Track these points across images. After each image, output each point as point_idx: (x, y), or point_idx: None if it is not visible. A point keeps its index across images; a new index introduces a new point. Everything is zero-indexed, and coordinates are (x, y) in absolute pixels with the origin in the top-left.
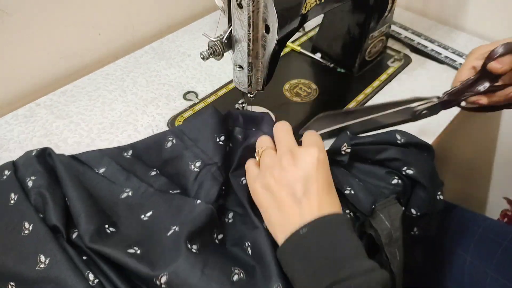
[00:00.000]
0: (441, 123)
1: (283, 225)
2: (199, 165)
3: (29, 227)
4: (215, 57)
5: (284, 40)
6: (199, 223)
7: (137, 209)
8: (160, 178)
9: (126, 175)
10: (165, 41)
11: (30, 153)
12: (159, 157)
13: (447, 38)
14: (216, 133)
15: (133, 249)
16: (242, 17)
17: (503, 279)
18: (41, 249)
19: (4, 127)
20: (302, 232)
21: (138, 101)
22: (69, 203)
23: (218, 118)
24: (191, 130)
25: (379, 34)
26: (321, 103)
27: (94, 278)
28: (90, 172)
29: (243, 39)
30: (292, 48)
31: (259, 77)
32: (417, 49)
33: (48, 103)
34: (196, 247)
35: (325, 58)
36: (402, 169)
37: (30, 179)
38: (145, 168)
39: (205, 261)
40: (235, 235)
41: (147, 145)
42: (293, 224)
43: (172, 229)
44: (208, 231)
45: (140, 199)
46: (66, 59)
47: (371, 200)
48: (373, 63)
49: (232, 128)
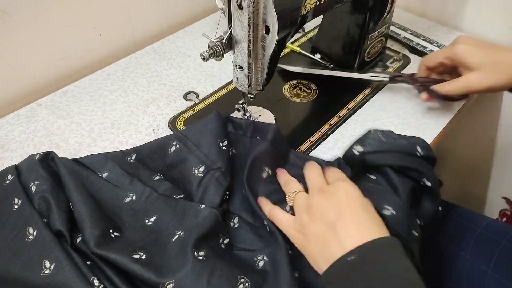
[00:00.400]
0: (440, 123)
1: (323, 253)
2: (202, 170)
3: (33, 233)
4: (215, 57)
5: (284, 41)
6: (204, 228)
7: (142, 214)
8: (164, 183)
9: (130, 179)
10: (166, 41)
11: (33, 157)
12: (163, 162)
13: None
14: (219, 138)
15: (138, 254)
16: (242, 18)
17: (502, 278)
18: (46, 255)
19: (5, 127)
20: (350, 259)
21: (139, 102)
22: (73, 207)
23: (221, 122)
24: (194, 135)
25: (378, 35)
26: (321, 103)
27: (99, 284)
28: (93, 176)
29: (243, 40)
30: (292, 48)
31: (259, 77)
32: (416, 50)
33: (49, 103)
34: (202, 254)
35: (324, 58)
36: (421, 179)
37: (33, 184)
38: (149, 173)
39: (212, 269)
40: (243, 240)
41: (150, 150)
42: (333, 249)
43: (177, 234)
44: (214, 236)
45: (144, 203)
46: (67, 60)
47: (412, 221)
48: (373, 63)
49: (235, 134)
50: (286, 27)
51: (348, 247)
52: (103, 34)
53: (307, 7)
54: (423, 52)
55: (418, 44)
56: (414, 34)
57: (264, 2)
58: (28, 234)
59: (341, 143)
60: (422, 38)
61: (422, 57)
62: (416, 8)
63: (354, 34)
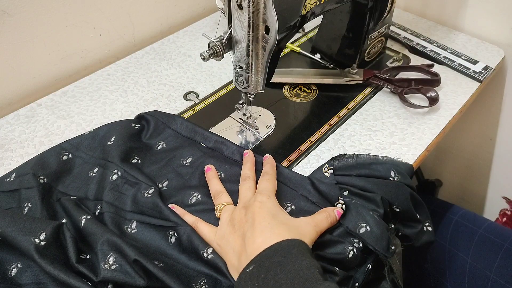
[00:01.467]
0: (440, 123)
1: (236, 265)
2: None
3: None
4: (215, 57)
5: (283, 41)
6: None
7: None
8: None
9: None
10: (166, 41)
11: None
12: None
13: (446, 39)
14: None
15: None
16: (242, 18)
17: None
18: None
19: (5, 127)
20: (249, 270)
21: (139, 102)
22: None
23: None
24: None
25: (378, 35)
26: (321, 103)
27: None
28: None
29: (243, 40)
30: (292, 48)
31: (259, 77)
32: (416, 50)
33: (49, 103)
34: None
35: (324, 59)
36: (392, 206)
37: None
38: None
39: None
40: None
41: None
42: (243, 260)
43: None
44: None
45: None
46: (67, 60)
47: (386, 236)
48: (373, 63)
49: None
50: (286, 27)
51: (251, 257)
52: (103, 34)
53: (307, 7)
54: (423, 52)
55: (418, 44)
56: (414, 34)
57: (264, 2)
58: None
59: (341, 143)
60: (422, 38)
61: (422, 57)
62: (416, 8)
63: (354, 34)
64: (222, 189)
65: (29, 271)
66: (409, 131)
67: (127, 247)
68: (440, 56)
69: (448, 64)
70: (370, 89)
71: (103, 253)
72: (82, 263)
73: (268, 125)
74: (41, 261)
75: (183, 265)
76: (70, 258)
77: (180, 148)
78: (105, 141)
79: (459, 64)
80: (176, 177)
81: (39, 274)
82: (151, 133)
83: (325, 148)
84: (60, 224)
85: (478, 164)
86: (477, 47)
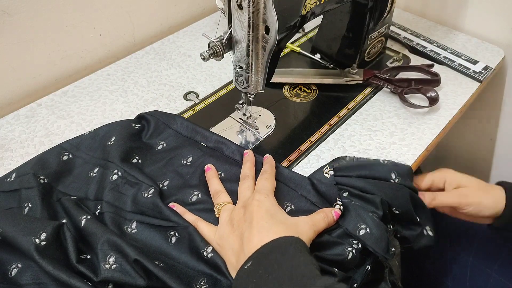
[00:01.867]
0: (440, 123)
1: (234, 264)
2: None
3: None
4: (215, 57)
5: (283, 41)
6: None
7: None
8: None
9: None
10: (166, 41)
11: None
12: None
13: (446, 39)
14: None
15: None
16: (242, 18)
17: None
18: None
19: (5, 127)
20: (247, 266)
21: (139, 102)
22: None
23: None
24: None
25: (378, 35)
26: (321, 103)
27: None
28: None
29: (243, 40)
30: (292, 48)
31: (259, 77)
32: (416, 50)
33: (49, 103)
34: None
35: (324, 59)
36: (391, 208)
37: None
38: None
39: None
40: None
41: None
42: (241, 259)
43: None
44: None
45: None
46: (67, 60)
47: (386, 238)
48: (373, 63)
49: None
50: (286, 27)
51: (248, 254)
52: (103, 34)
53: (307, 7)
54: (423, 52)
55: (418, 44)
56: (414, 34)
57: (264, 2)
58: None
59: (341, 143)
60: (422, 38)
61: (422, 57)
62: (416, 8)
63: (354, 34)
64: (222, 189)
65: (29, 271)
66: (409, 131)
67: (128, 247)
68: (440, 56)
69: (448, 64)
70: (370, 89)
71: (104, 253)
72: (82, 263)
73: (268, 125)
74: (41, 261)
75: (184, 265)
76: (71, 258)
77: (180, 147)
78: (105, 141)
79: (459, 64)
80: (177, 176)
81: (39, 274)
82: (152, 133)
83: (325, 148)
84: (60, 224)
85: (478, 164)
86: (477, 47)
